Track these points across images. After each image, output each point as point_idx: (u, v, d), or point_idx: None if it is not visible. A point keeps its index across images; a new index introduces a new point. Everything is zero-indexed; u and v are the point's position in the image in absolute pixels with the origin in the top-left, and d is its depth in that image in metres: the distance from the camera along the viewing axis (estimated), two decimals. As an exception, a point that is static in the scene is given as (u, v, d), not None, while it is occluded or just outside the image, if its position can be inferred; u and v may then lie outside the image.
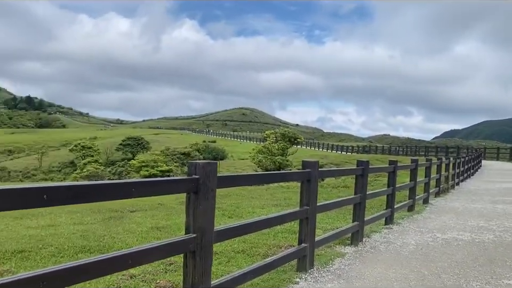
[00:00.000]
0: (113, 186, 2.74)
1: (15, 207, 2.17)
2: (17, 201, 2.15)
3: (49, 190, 2.28)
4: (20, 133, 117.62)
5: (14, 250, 5.73)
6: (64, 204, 2.42)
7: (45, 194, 2.26)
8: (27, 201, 2.22)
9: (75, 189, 2.43)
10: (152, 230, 7.67)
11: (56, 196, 2.33)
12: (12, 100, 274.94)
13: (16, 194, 2.15)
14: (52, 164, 63.60)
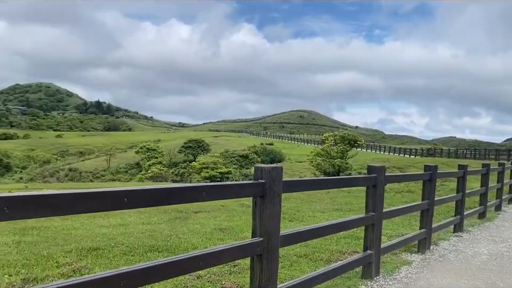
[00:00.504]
0: (187, 190, 2.85)
1: (105, 208, 2.34)
2: (107, 203, 2.32)
3: (129, 194, 2.42)
4: (90, 136, 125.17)
5: (90, 247, 6.11)
6: (143, 207, 2.56)
7: (125, 197, 2.40)
8: (110, 205, 2.37)
9: (153, 192, 2.56)
10: (215, 231, 7.85)
11: (136, 199, 2.47)
12: (82, 104, 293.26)
13: (107, 196, 2.31)
14: (119, 165, 67.01)
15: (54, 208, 2.14)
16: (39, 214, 2.12)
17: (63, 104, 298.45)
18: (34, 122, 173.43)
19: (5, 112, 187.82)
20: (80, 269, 5.09)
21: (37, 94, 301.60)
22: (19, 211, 2.02)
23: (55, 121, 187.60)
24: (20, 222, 7.63)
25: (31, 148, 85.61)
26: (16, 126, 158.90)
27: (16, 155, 77.52)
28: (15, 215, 2.01)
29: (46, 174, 58.76)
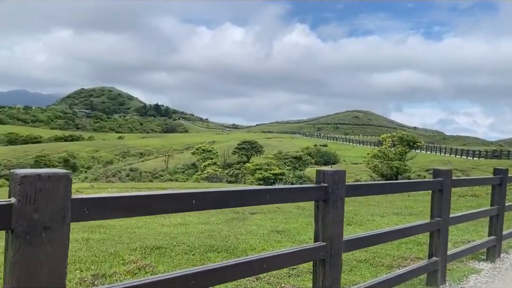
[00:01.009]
0: (252, 192, 2.88)
1: (175, 210, 2.42)
2: (177, 205, 2.40)
3: (197, 196, 2.49)
4: (149, 138, 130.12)
5: (153, 246, 6.34)
6: (210, 209, 2.62)
7: (194, 200, 2.47)
8: (180, 206, 2.45)
9: (219, 195, 2.61)
10: (272, 233, 7.87)
11: (204, 201, 2.53)
12: (142, 107, 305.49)
13: (177, 198, 2.40)
14: (176, 165, 69.08)
15: (130, 209, 2.24)
16: (116, 215, 2.23)
17: (124, 107, 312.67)
18: (98, 125, 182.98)
19: (71, 115, 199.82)
20: (144, 267, 5.28)
21: (100, 98, 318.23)
22: (98, 212, 2.13)
23: (117, 124, 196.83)
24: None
25: (95, 149, 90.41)
26: (81, 128, 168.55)
27: (81, 156, 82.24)
28: (94, 215, 2.13)
29: (109, 174, 61.79)
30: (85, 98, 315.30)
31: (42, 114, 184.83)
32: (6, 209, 1.82)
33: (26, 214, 1.85)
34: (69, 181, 1.98)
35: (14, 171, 1.90)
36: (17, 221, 1.83)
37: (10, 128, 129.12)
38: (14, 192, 1.87)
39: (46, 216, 1.90)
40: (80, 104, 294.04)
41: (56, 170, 1.97)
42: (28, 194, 1.85)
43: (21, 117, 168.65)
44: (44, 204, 1.89)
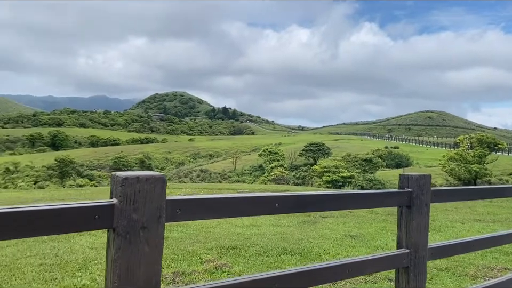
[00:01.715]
0: (333, 197, 2.84)
1: (259, 213, 2.46)
2: (262, 207, 2.44)
3: (279, 199, 2.50)
4: (217, 140, 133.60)
5: (228, 246, 6.48)
6: (292, 212, 2.62)
7: (276, 203, 2.49)
8: (263, 209, 2.48)
9: (301, 199, 2.61)
10: (345, 237, 7.72)
11: (287, 205, 2.54)
12: (211, 111, 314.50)
13: (262, 201, 2.43)
14: (244, 167, 70.23)
15: (218, 211, 2.30)
16: (205, 216, 2.31)
17: (194, 110, 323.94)
18: (171, 128, 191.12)
19: (146, 118, 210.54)
20: (221, 266, 5.42)
21: (172, 102, 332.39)
22: (189, 213, 2.21)
23: (188, 127, 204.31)
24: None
25: (168, 151, 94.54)
26: (155, 131, 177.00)
27: (156, 157, 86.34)
28: (186, 216, 2.21)
29: (181, 174, 64.29)
30: (159, 102, 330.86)
31: (120, 118, 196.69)
32: (108, 209, 1.95)
33: (126, 214, 1.97)
34: (164, 183, 2.08)
35: (116, 173, 2.03)
36: (118, 220, 1.95)
37: (92, 131, 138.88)
38: (116, 193, 1.99)
39: (144, 216, 2.01)
40: (154, 108, 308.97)
41: (153, 172, 2.07)
42: (128, 195, 1.97)
43: (101, 121, 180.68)
44: (142, 205, 2.00)
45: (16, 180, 65.48)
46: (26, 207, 1.80)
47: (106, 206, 1.94)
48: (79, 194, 13.74)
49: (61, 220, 1.85)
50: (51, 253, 5.78)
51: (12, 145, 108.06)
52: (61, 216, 1.85)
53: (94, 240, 6.66)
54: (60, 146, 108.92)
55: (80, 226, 1.92)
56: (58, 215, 1.84)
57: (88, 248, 6.12)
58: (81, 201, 2.01)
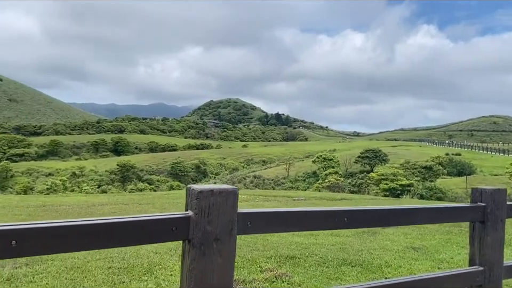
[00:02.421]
0: (403, 212, 2.77)
1: (327, 227, 2.45)
2: (330, 222, 2.43)
3: (349, 213, 2.48)
4: (270, 146, 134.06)
5: (287, 255, 6.47)
6: (361, 227, 2.59)
7: (345, 217, 2.47)
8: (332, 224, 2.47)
9: (372, 213, 2.57)
10: (407, 249, 7.46)
11: (356, 220, 2.51)
12: (264, 117, 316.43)
13: (330, 215, 2.43)
14: (297, 173, 69.84)
15: (286, 224, 2.33)
16: (274, 229, 2.34)
17: (247, 117, 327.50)
18: (225, 134, 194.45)
19: (202, 125, 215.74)
20: (281, 276, 5.42)
21: (226, 109, 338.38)
22: (258, 226, 2.25)
23: (241, 133, 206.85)
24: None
25: (222, 157, 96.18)
26: (210, 137, 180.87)
27: (211, 163, 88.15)
28: (256, 229, 2.25)
29: (234, 180, 65.10)
30: (214, 109, 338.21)
31: (177, 125, 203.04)
32: (185, 221, 2.03)
33: (201, 226, 2.04)
34: (236, 196, 2.14)
35: (191, 186, 2.12)
36: (194, 232, 2.03)
37: (151, 137, 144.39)
38: (191, 205, 2.08)
39: (217, 229, 2.07)
40: (209, 115, 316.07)
41: (226, 186, 2.14)
42: (203, 208, 2.05)
43: (159, 128, 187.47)
44: (216, 217, 2.07)
45: (82, 183, 69.39)
46: (110, 219, 1.91)
47: (182, 218, 2.03)
48: (142, 199, 14.31)
49: (142, 232, 1.96)
50: (118, 256, 6.07)
51: (78, 150, 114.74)
52: (142, 228, 1.95)
53: (158, 245, 6.91)
54: (122, 151, 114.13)
55: (159, 238, 2.01)
56: (139, 227, 1.95)
57: (153, 253, 6.35)
58: (157, 213, 2.11)
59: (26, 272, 5.29)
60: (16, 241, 1.62)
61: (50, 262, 5.70)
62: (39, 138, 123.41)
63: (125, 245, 2.00)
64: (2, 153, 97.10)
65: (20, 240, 1.62)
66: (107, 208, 11.29)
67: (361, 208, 2.54)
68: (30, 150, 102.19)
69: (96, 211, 10.83)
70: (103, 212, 10.68)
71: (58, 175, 75.13)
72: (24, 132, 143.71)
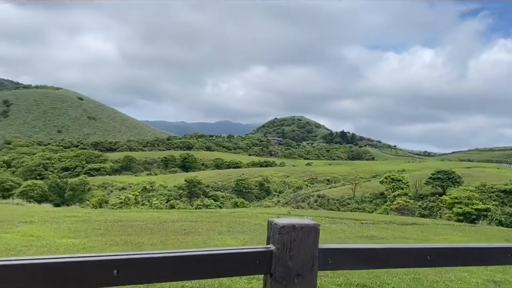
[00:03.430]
0: (492, 250, 2.61)
1: (410, 265, 2.38)
2: (413, 259, 2.37)
3: (433, 251, 2.39)
4: (335, 164, 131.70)
5: (357, 283, 6.31)
6: (446, 266, 2.48)
7: (428, 255, 2.38)
8: (414, 261, 2.39)
9: (460, 252, 2.45)
10: (488, 282, 6.95)
11: (441, 257, 2.42)
12: (329, 135, 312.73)
13: (408, 253, 2.36)
14: (363, 194, 67.81)
15: (367, 262, 2.29)
16: (354, 266, 2.31)
17: (312, 134, 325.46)
18: (288, 152, 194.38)
19: (266, 142, 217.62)
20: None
21: (290, 126, 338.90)
22: (339, 262, 2.24)
23: (305, 151, 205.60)
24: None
25: (286, 175, 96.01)
26: (274, 154, 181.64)
27: (274, 180, 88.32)
28: (337, 266, 2.24)
29: (298, 199, 64.61)
30: (277, 127, 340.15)
31: (242, 142, 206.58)
32: (268, 255, 2.07)
33: (283, 261, 2.07)
34: (317, 232, 2.15)
35: (273, 221, 2.17)
36: (276, 266, 2.07)
37: (217, 154, 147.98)
38: (273, 240, 2.12)
39: (299, 264, 2.09)
40: (273, 133, 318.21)
41: (307, 221, 2.16)
42: (285, 243, 2.08)
43: (225, 145, 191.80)
44: (297, 252, 2.09)
45: (152, 198, 72.53)
46: (194, 251, 2.00)
47: (265, 252, 2.07)
48: (209, 217, 14.67)
49: (225, 264, 2.02)
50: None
51: (149, 166, 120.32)
52: (226, 260, 2.02)
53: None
54: (189, 168, 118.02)
55: (242, 271, 2.08)
56: (223, 260, 2.02)
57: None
58: (239, 246, 2.18)
59: None
60: (118, 270, 1.75)
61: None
62: (114, 154, 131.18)
63: (210, 277, 2.08)
64: (81, 167, 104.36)
65: (121, 270, 1.75)
66: (178, 225, 11.70)
67: (447, 246, 2.44)
68: (106, 165, 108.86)
69: (168, 227, 11.28)
70: (174, 229, 11.10)
71: (130, 189, 79.21)
72: (101, 147, 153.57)
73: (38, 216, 12.21)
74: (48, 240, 8.37)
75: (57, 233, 9.47)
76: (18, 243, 8.06)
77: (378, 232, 12.63)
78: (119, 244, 8.42)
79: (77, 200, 72.56)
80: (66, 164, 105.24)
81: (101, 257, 1.76)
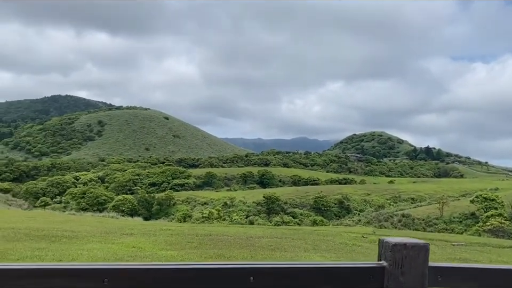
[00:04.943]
0: None
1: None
2: None
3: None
4: (420, 182, 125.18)
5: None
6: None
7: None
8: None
9: None
10: None
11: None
12: (412, 151, 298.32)
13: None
14: (452, 214, 63.71)
15: (476, 280, 2.38)
16: (463, 285, 2.41)
17: (394, 151, 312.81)
18: (369, 169, 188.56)
19: (344, 159, 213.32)
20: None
21: (370, 142, 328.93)
22: (448, 281, 2.36)
23: (387, 168, 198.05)
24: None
25: (367, 192, 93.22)
26: (353, 172, 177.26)
27: (354, 198, 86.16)
28: (446, 283, 2.36)
29: (380, 218, 62.34)
30: (356, 143, 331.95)
31: (319, 158, 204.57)
32: (380, 271, 2.27)
33: (395, 277, 2.25)
34: (427, 251, 2.30)
35: (384, 239, 2.36)
36: (388, 281, 2.25)
37: (294, 171, 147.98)
38: (385, 256, 2.31)
39: (409, 281, 2.25)
40: (352, 149, 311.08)
41: (417, 241, 2.32)
42: (397, 260, 2.26)
43: (302, 161, 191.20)
44: (408, 269, 2.26)
45: (232, 213, 74.37)
46: (307, 264, 2.27)
47: (378, 268, 2.27)
48: (293, 234, 14.89)
49: (340, 277, 2.25)
50: None
51: (229, 182, 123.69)
52: (340, 273, 2.25)
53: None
54: (267, 184, 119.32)
55: (356, 284, 2.29)
56: (338, 273, 2.25)
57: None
58: (351, 261, 2.39)
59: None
60: (253, 277, 2.06)
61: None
62: (197, 170, 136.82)
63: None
64: (167, 183, 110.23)
65: (256, 277, 2.06)
66: (264, 241, 12.06)
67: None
68: (189, 180, 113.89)
69: (255, 243, 11.67)
70: (261, 244, 11.47)
71: (212, 204, 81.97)
72: (184, 164, 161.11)
73: (137, 229, 13.29)
74: (150, 252, 9.14)
75: (156, 245, 10.27)
76: (124, 253, 8.89)
77: (472, 255, 11.94)
78: (213, 257, 8.93)
79: (163, 214, 76.67)
80: (154, 180, 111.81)
81: (237, 265, 2.09)
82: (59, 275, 1.85)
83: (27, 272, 1.79)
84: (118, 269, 1.93)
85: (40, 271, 1.82)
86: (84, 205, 78.79)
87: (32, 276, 1.80)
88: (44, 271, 1.83)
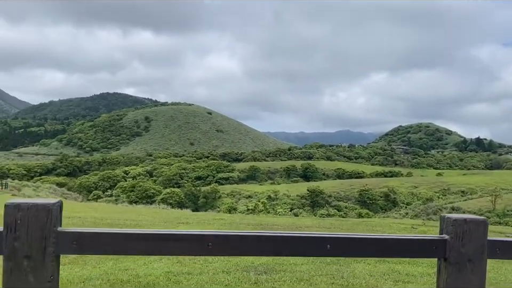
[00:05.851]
0: None
1: None
2: None
3: None
4: (470, 175, 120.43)
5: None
6: None
7: None
8: None
9: None
10: None
11: None
12: (462, 142, 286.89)
13: None
14: (506, 207, 61.04)
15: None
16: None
17: (442, 142, 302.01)
18: (415, 161, 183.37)
19: (390, 151, 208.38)
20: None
21: (417, 134, 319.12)
22: (507, 252, 2.60)
23: (435, 160, 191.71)
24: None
25: (414, 185, 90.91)
26: (399, 164, 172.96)
27: (401, 191, 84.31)
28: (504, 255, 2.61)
29: (429, 211, 60.79)
30: (402, 135, 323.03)
31: (364, 151, 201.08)
32: (443, 243, 2.54)
33: (456, 248, 2.52)
34: (486, 226, 2.54)
35: (445, 215, 2.62)
36: (450, 252, 2.53)
37: (338, 164, 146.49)
38: (446, 230, 2.57)
39: (470, 251, 2.52)
40: (398, 141, 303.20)
41: (477, 217, 2.58)
42: (458, 233, 2.53)
43: (346, 154, 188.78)
44: (468, 241, 2.50)
45: (276, 206, 74.87)
46: (384, 236, 2.58)
47: (441, 241, 2.55)
48: (340, 224, 15.10)
49: (409, 247, 2.56)
50: (338, 274, 6.80)
51: (272, 175, 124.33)
52: (409, 244, 2.56)
53: (372, 268, 7.42)
54: (310, 177, 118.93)
55: (421, 254, 2.59)
56: (407, 243, 2.55)
57: (368, 275, 6.89)
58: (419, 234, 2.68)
59: (267, 278, 6.46)
60: (329, 245, 2.41)
61: (283, 273, 6.79)
62: (240, 164, 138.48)
63: (396, 256, 2.63)
64: (212, 176, 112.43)
65: (333, 244, 2.40)
66: (314, 230, 12.39)
67: None
68: (233, 174, 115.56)
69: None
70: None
71: (256, 197, 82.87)
72: (228, 158, 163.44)
73: (191, 219, 14.00)
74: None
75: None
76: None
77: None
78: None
79: (209, 207, 78.39)
80: (199, 174, 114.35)
81: (316, 234, 2.44)
82: (173, 239, 2.29)
83: (152, 236, 2.24)
84: (219, 235, 2.34)
85: (159, 235, 2.26)
86: (134, 198, 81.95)
87: (155, 239, 2.25)
88: (161, 236, 2.27)
